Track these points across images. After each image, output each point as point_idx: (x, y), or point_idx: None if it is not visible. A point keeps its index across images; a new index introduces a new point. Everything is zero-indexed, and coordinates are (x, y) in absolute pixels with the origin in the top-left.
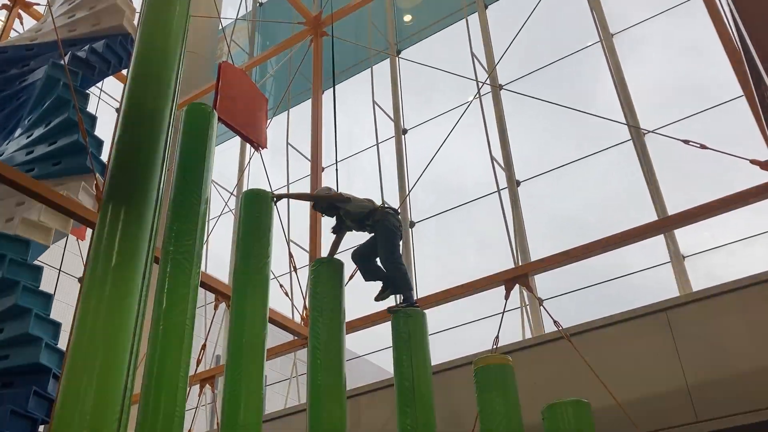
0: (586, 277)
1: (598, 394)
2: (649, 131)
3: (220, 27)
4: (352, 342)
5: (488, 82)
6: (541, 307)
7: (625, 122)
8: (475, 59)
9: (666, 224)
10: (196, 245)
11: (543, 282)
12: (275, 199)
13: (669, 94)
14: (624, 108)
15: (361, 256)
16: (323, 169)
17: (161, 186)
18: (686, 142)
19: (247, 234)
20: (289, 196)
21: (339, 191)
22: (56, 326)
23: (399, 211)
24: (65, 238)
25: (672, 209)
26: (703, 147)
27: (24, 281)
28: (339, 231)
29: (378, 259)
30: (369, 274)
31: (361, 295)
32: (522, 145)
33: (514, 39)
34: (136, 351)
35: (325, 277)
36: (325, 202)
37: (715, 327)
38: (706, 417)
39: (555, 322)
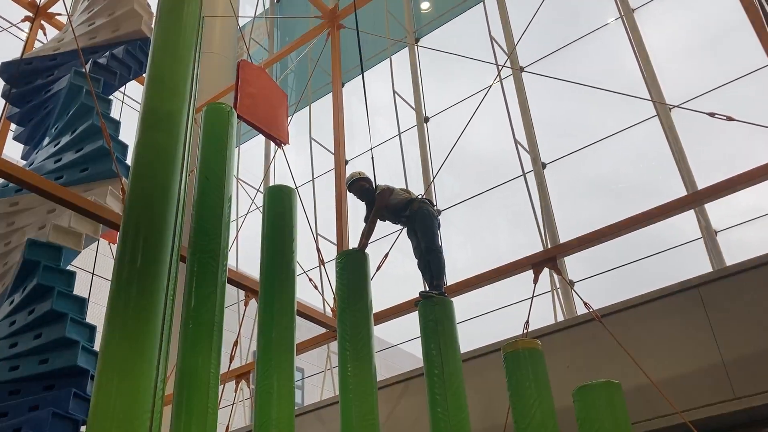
0: (619, 256)
1: (632, 374)
2: (673, 106)
3: (239, 26)
4: (388, 332)
5: (508, 64)
6: (572, 289)
7: (649, 98)
8: (494, 42)
9: (696, 199)
10: (221, 244)
11: (575, 263)
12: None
13: (694, 66)
14: (648, 83)
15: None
16: (347, 162)
17: (182, 187)
18: (712, 114)
19: (272, 230)
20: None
21: (387, 185)
22: (92, 329)
23: (435, 203)
24: (97, 242)
25: (702, 183)
26: (729, 119)
27: (58, 286)
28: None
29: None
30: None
31: (390, 286)
32: (546, 126)
33: (532, 19)
34: (166, 350)
35: (351, 268)
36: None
37: (749, 301)
38: (745, 393)
39: (585, 303)
